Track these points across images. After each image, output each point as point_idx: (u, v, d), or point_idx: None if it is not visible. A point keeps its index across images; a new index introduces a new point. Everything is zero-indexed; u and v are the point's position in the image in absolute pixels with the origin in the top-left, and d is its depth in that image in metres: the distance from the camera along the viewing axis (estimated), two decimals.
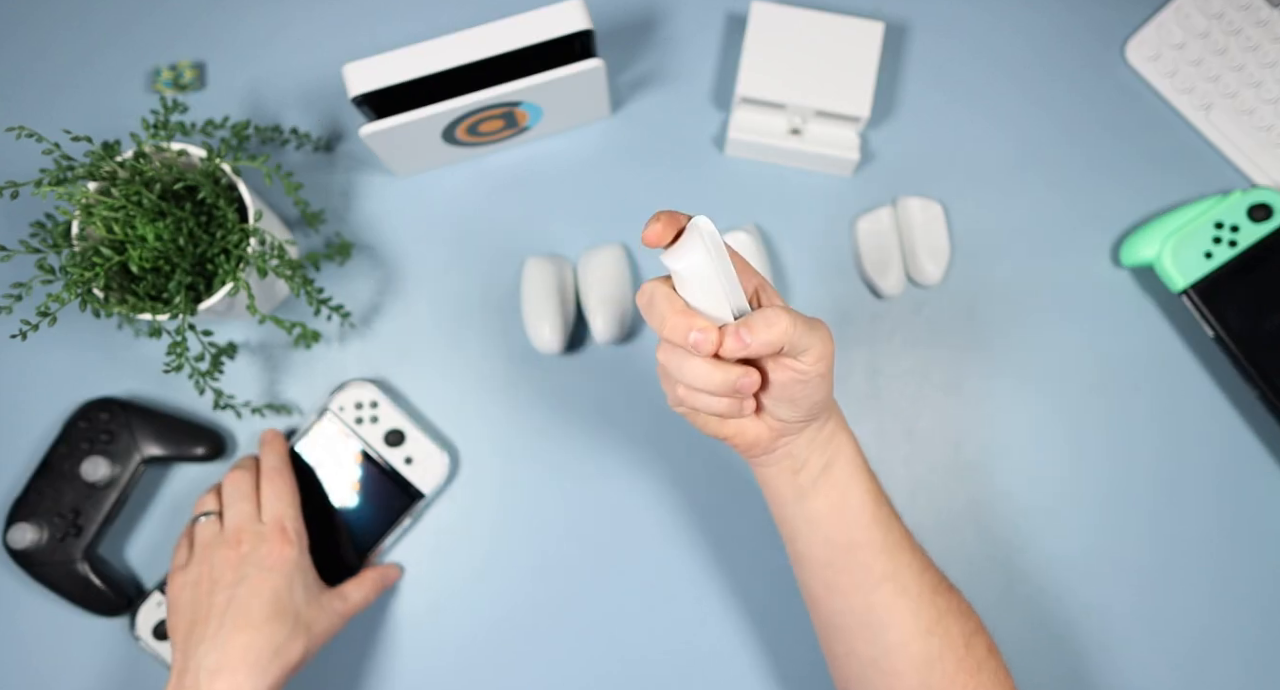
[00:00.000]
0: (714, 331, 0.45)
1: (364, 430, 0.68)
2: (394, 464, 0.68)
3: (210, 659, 0.57)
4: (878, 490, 0.55)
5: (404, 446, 0.68)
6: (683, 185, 0.73)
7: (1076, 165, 0.73)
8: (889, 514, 0.55)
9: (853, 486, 0.54)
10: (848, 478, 0.54)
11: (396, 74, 0.62)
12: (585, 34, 0.63)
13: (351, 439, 0.68)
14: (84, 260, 0.59)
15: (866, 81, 0.69)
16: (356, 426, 0.68)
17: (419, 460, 0.68)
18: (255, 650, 0.57)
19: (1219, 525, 0.69)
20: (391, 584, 0.67)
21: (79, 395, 0.70)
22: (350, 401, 0.68)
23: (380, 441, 0.68)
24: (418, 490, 0.67)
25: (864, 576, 0.54)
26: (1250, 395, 0.69)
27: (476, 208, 0.73)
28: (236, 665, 0.57)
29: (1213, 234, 0.68)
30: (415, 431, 0.68)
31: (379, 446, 0.68)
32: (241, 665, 0.57)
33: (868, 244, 0.71)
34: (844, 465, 0.54)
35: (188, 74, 0.73)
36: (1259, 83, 0.72)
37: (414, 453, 0.68)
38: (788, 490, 0.54)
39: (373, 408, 0.68)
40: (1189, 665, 0.67)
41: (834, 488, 0.54)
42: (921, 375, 0.71)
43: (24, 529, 0.65)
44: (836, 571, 0.55)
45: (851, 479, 0.54)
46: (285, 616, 0.59)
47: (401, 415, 0.68)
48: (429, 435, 0.68)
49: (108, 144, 0.60)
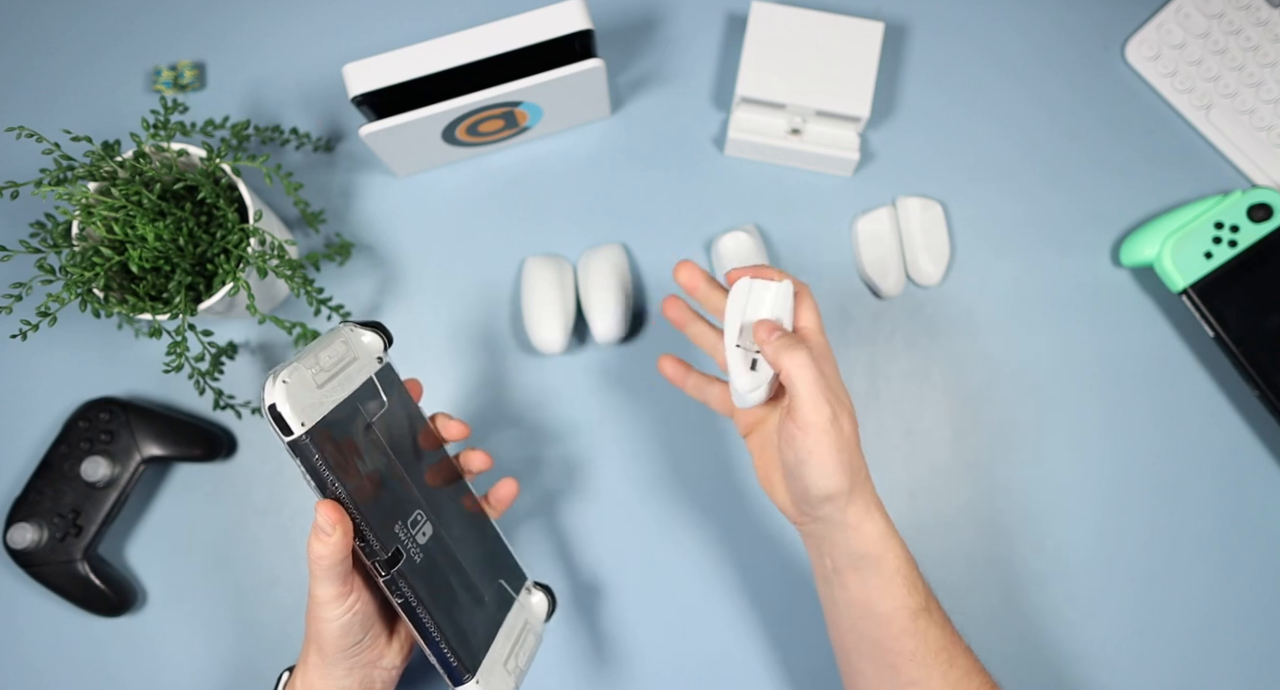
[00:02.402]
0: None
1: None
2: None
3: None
4: (917, 602, 0.52)
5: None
6: (683, 185, 0.73)
7: (1076, 165, 0.73)
8: (927, 624, 0.52)
9: (886, 596, 0.52)
10: (882, 584, 0.52)
11: (396, 74, 0.62)
12: (585, 34, 0.63)
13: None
14: (84, 260, 0.59)
15: (866, 81, 0.69)
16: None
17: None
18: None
19: (1219, 525, 0.69)
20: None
21: (79, 395, 0.70)
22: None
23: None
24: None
25: (890, 675, 0.53)
26: (1250, 395, 0.69)
27: (476, 208, 0.73)
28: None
29: (1213, 234, 0.68)
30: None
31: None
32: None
33: (867, 244, 0.71)
34: (878, 569, 0.52)
35: (188, 74, 0.73)
36: (1259, 83, 0.72)
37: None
38: (818, 570, 0.55)
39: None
40: (1189, 664, 0.67)
41: (864, 588, 0.52)
42: (921, 375, 0.71)
43: (24, 529, 0.65)
44: (863, 658, 0.54)
45: (887, 587, 0.52)
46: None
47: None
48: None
49: (108, 144, 0.60)
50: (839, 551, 0.52)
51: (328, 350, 0.48)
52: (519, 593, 0.56)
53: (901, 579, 0.52)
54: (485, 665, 0.50)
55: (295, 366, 0.46)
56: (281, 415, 0.44)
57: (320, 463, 0.45)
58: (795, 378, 0.49)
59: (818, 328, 0.54)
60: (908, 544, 0.53)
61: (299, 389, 0.45)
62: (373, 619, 0.50)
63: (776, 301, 0.53)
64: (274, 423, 0.45)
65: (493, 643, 0.52)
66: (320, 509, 0.45)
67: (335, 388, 0.47)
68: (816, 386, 0.49)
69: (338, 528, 0.45)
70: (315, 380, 0.46)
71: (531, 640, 0.55)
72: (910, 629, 0.52)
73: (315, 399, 0.46)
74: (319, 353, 0.47)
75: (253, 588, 0.69)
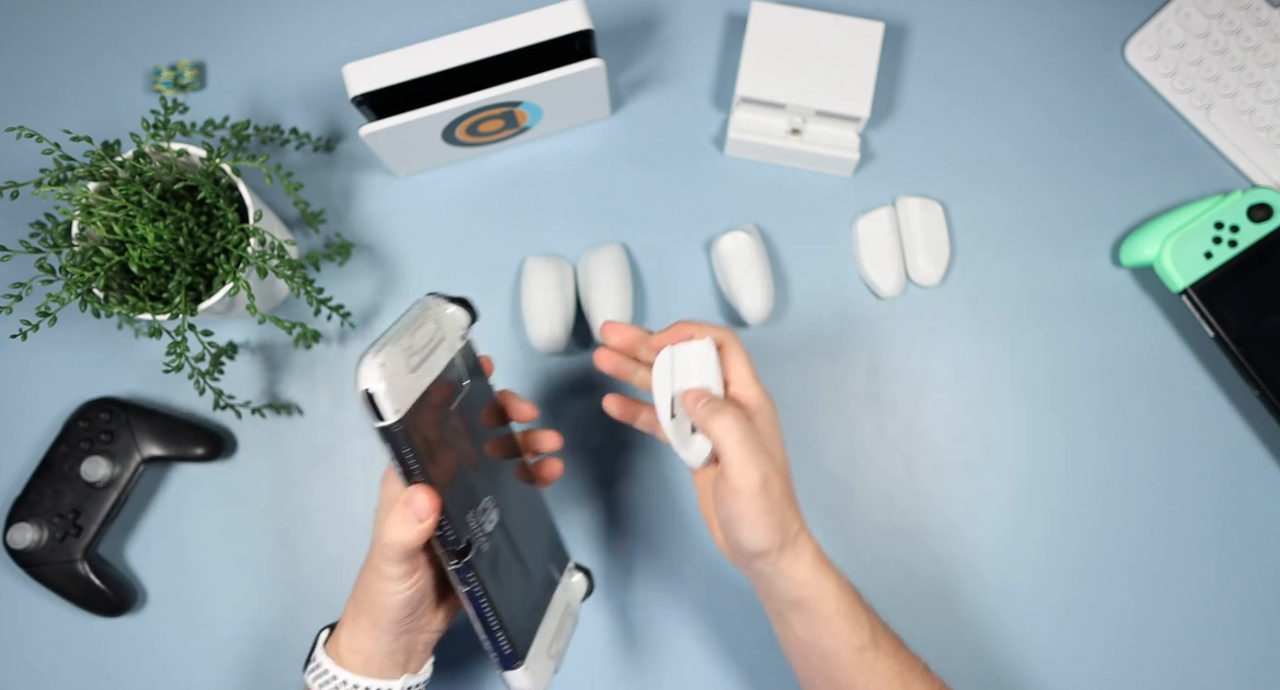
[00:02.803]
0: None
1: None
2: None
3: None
4: (861, 638, 0.52)
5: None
6: (683, 185, 0.73)
7: (1076, 165, 0.73)
8: (875, 657, 0.53)
9: (828, 634, 0.52)
10: (823, 624, 0.52)
11: (396, 74, 0.62)
12: (585, 34, 0.63)
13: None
14: (84, 260, 0.59)
15: (866, 81, 0.69)
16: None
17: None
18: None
19: (1219, 525, 0.69)
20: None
21: (79, 395, 0.70)
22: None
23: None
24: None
25: None
26: (1250, 395, 0.69)
27: (476, 208, 0.73)
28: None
29: (1213, 234, 0.68)
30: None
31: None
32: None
33: (867, 244, 0.71)
34: (817, 611, 0.52)
35: (188, 74, 0.73)
36: (1259, 83, 0.72)
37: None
38: (766, 609, 0.55)
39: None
40: (1189, 664, 0.67)
41: (808, 629, 0.53)
42: (921, 375, 0.71)
43: (24, 529, 0.65)
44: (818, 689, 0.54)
45: (827, 626, 0.52)
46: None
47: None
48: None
49: (108, 144, 0.60)
50: (776, 596, 0.53)
51: (421, 331, 0.46)
52: (562, 574, 0.56)
53: (841, 618, 0.52)
54: (533, 651, 0.50)
55: (390, 349, 0.43)
56: (377, 403, 0.42)
57: (409, 453, 0.44)
58: (723, 443, 0.49)
59: (749, 377, 0.53)
60: (906, 545, 0.54)
61: (395, 373, 0.43)
62: (429, 592, 0.51)
63: (702, 363, 0.52)
64: (369, 409, 0.42)
65: (539, 627, 0.52)
66: (416, 493, 0.44)
67: (425, 371, 0.45)
68: (744, 449, 0.49)
69: (430, 517, 0.45)
70: (409, 364, 0.44)
71: (570, 623, 0.55)
72: (858, 664, 0.52)
73: (408, 384, 0.44)
74: (413, 334, 0.45)
75: (252, 588, 0.69)
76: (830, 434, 0.70)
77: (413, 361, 0.44)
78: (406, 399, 0.43)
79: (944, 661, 0.67)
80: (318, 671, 0.52)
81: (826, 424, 0.70)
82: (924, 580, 0.68)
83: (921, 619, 0.67)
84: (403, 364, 0.44)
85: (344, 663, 0.52)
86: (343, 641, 0.52)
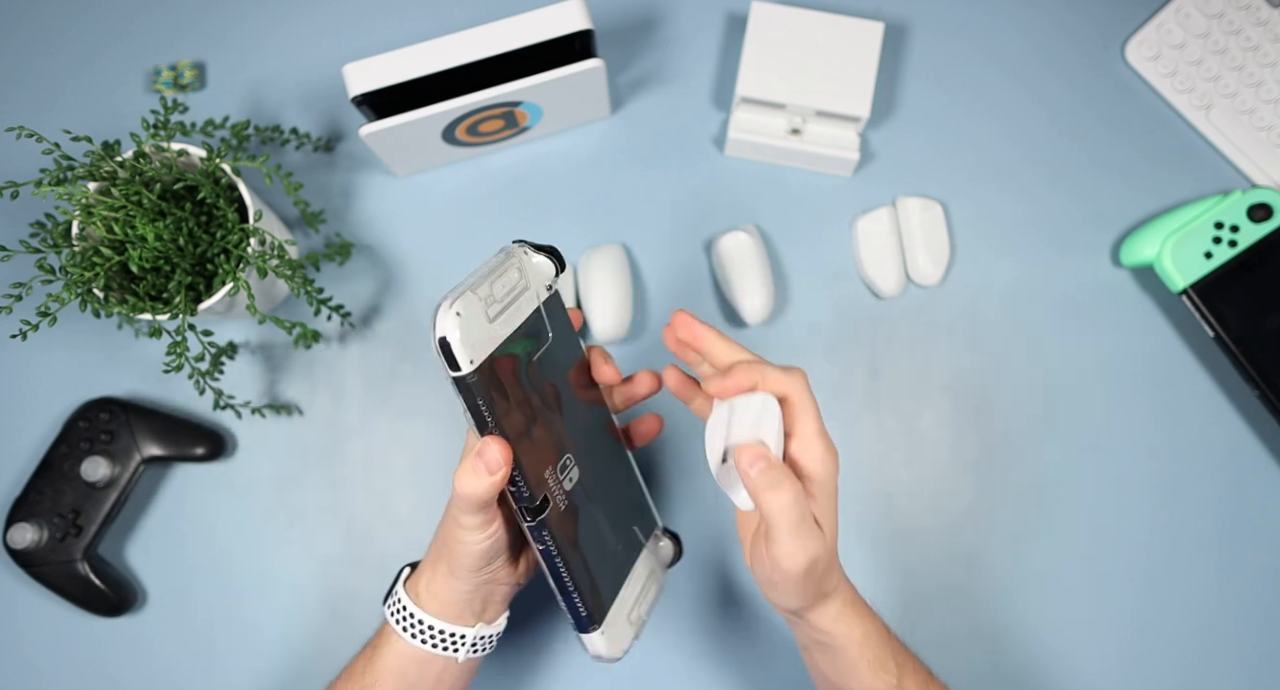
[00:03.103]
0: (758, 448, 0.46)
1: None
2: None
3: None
4: (885, 682, 0.52)
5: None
6: (683, 185, 0.73)
7: (1076, 165, 0.73)
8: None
9: (852, 677, 0.52)
10: (848, 667, 0.52)
11: (396, 74, 0.62)
12: (585, 34, 0.63)
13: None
14: (84, 260, 0.59)
15: (866, 81, 0.69)
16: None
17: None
18: None
19: (1219, 525, 0.69)
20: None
21: (79, 395, 0.70)
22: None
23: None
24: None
25: None
26: (1250, 395, 0.69)
27: (476, 208, 0.73)
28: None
29: (1213, 234, 0.68)
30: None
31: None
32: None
33: (867, 244, 0.71)
34: (842, 654, 0.51)
35: (188, 74, 0.73)
36: (1259, 83, 0.72)
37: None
38: (795, 637, 0.54)
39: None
40: (1189, 665, 0.67)
41: (833, 668, 0.52)
42: (921, 375, 0.71)
43: (24, 529, 0.65)
44: None
45: (852, 669, 0.51)
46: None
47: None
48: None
49: (108, 144, 0.60)
50: (802, 634, 0.53)
51: (502, 279, 0.44)
52: (648, 539, 0.54)
53: (865, 663, 0.51)
54: (611, 615, 0.49)
55: (469, 296, 0.42)
56: (451, 350, 0.41)
57: (483, 404, 0.42)
58: (774, 523, 0.45)
59: (814, 433, 0.47)
60: (906, 545, 0.53)
61: (471, 322, 0.42)
62: (506, 545, 0.50)
63: (761, 418, 0.47)
64: (442, 357, 0.41)
65: (620, 591, 0.50)
66: (488, 445, 0.43)
67: (505, 321, 0.44)
68: (796, 533, 0.45)
69: (501, 470, 0.44)
70: (488, 313, 0.43)
71: (654, 590, 0.53)
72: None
73: (486, 333, 0.43)
74: (493, 281, 0.43)
75: (253, 588, 0.69)
76: (831, 434, 0.70)
77: (492, 311, 0.43)
78: (483, 349, 0.42)
79: (944, 661, 0.67)
80: (396, 607, 0.53)
81: (827, 424, 0.70)
82: (924, 580, 0.68)
83: (921, 619, 0.68)
84: (480, 313, 0.43)
85: (421, 603, 0.52)
86: (422, 583, 0.53)
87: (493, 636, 0.54)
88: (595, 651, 0.48)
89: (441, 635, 0.52)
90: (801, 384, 0.47)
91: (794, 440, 0.47)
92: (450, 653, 0.52)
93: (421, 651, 0.52)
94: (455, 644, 0.52)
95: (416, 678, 0.53)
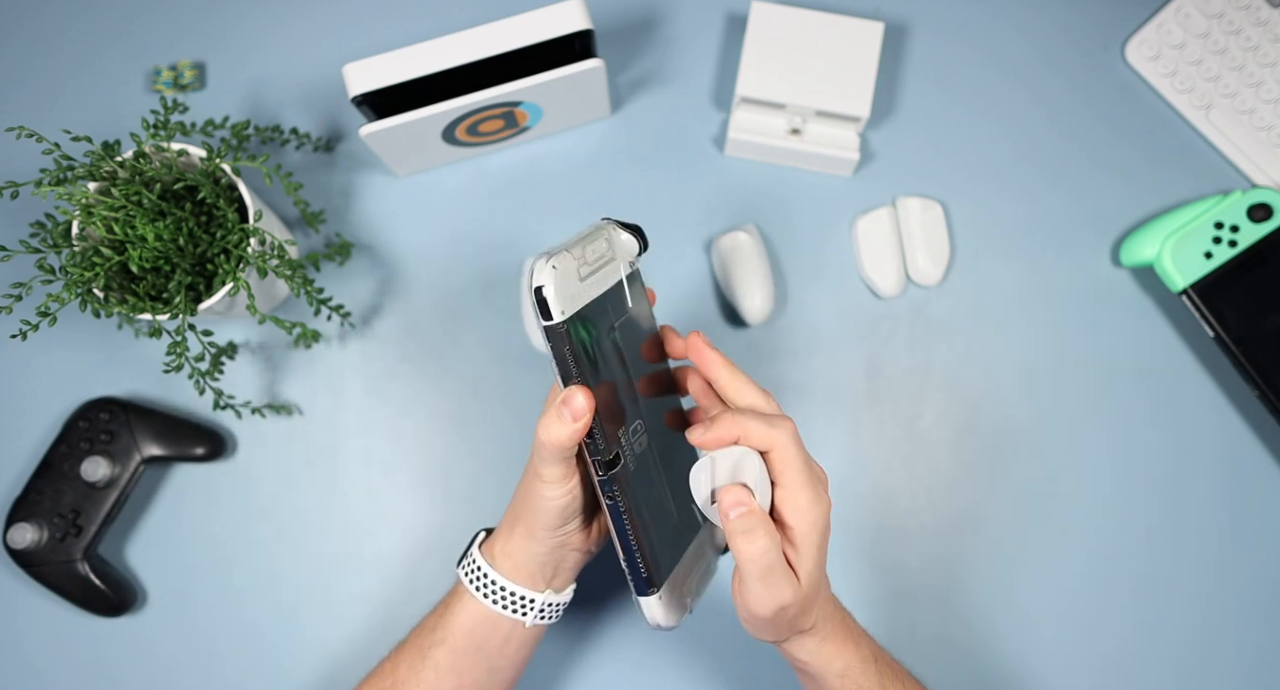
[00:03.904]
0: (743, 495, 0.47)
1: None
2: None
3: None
4: None
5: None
6: (683, 185, 0.73)
7: (1076, 165, 0.73)
8: None
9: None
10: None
11: (396, 74, 0.62)
12: (585, 34, 0.63)
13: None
14: (84, 260, 0.59)
15: (866, 81, 0.69)
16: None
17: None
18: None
19: (1219, 525, 0.69)
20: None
21: (79, 395, 0.70)
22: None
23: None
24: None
25: None
26: (1250, 395, 0.69)
27: (476, 208, 0.73)
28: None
29: (1213, 234, 0.68)
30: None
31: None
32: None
33: (867, 244, 0.71)
34: (823, 680, 0.52)
35: (188, 74, 0.73)
36: (1259, 83, 0.72)
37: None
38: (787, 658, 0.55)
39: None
40: (1189, 665, 0.67)
41: (813, 687, 0.53)
42: (921, 375, 0.71)
43: (24, 529, 0.65)
44: None
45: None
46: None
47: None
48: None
49: (108, 144, 0.60)
50: (785, 657, 0.53)
51: (593, 245, 0.47)
52: (704, 520, 0.56)
53: (848, 684, 0.52)
54: (668, 583, 0.50)
55: (564, 255, 0.45)
56: (545, 299, 0.44)
57: (570, 353, 0.45)
58: (744, 571, 0.46)
59: (799, 484, 0.47)
60: (906, 545, 0.53)
61: (565, 277, 0.45)
62: (580, 506, 0.51)
63: (741, 468, 0.47)
64: (537, 306, 0.44)
65: (677, 563, 0.52)
66: (573, 393, 0.45)
67: (593, 283, 0.47)
68: (764, 582, 0.46)
69: (584, 418, 0.45)
70: (579, 272, 0.46)
71: (708, 569, 0.55)
72: None
73: (576, 290, 0.46)
74: (585, 246, 0.47)
75: (253, 588, 0.69)
76: (830, 434, 0.70)
77: (582, 271, 0.46)
78: (572, 304, 0.45)
79: (943, 661, 0.67)
80: (471, 567, 0.55)
81: (826, 424, 0.70)
82: (924, 580, 0.68)
83: (921, 619, 0.68)
84: (573, 270, 0.46)
85: (495, 564, 0.54)
86: (497, 545, 0.54)
87: (559, 605, 0.56)
88: (652, 616, 0.50)
89: (512, 597, 0.54)
90: (786, 437, 0.47)
91: (779, 491, 0.47)
92: (519, 615, 0.54)
93: (492, 612, 0.54)
94: (525, 607, 0.54)
95: (484, 637, 0.55)
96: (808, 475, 0.47)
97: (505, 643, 0.55)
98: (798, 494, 0.47)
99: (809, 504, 0.47)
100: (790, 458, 0.47)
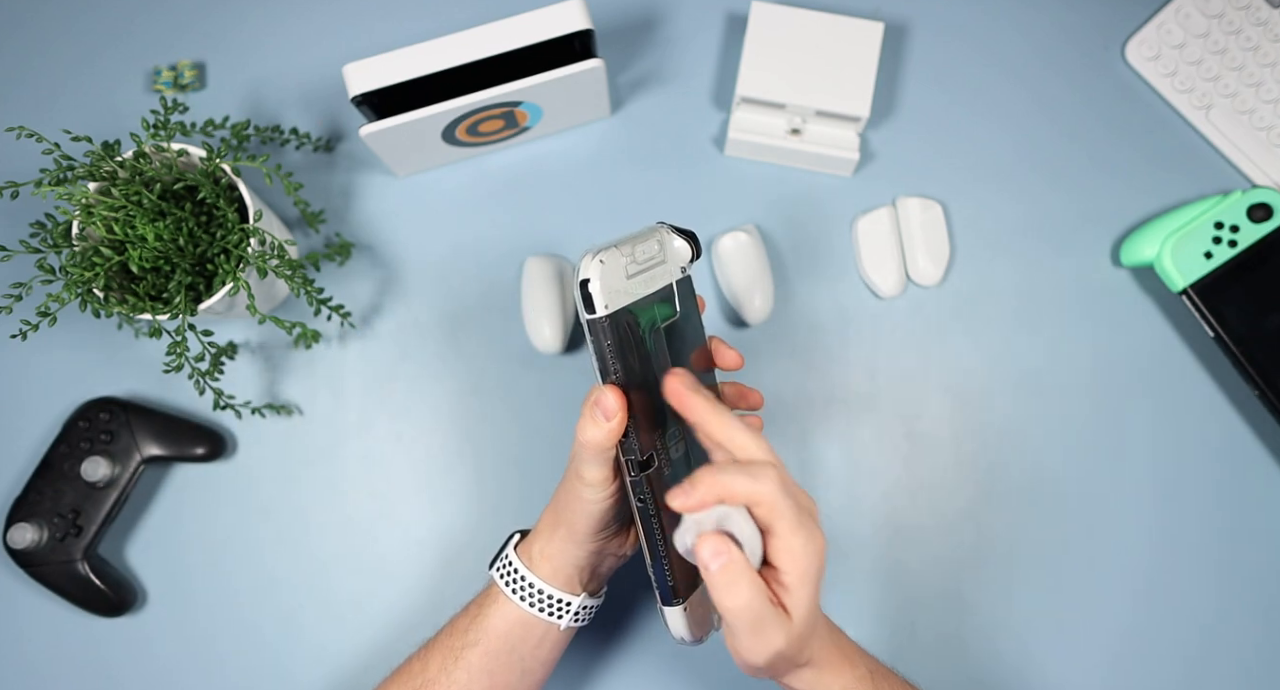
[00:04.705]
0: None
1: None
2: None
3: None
4: None
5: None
6: (683, 185, 0.73)
7: (1076, 165, 0.73)
8: None
9: None
10: None
11: (396, 74, 0.62)
12: (585, 34, 0.63)
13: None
14: (84, 260, 0.59)
15: (866, 81, 0.69)
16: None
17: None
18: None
19: (1219, 525, 0.69)
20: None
21: (79, 395, 0.70)
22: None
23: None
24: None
25: None
26: (1250, 395, 0.69)
27: (476, 208, 0.73)
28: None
29: (1213, 234, 0.68)
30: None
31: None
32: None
33: (867, 244, 0.71)
34: None
35: (188, 74, 0.73)
36: (1259, 83, 0.72)
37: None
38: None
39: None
40: (1189, 665, 0.67)
41: None
42: (921, 375, 0.71)
43: (24, 529, 0.65)
44: None
45: None
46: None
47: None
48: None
49: (108, 144, 0.60)
50: (781, 685, 0.53)
51: (643, 245, 0.48)
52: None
53: None
54: (695, 597, 0.50)
55: (612, 251, 0.46)
56: (590, 292, 0.45)
57: (610, 347, 0.45)
58: (729, 621, 0.45)
59: (789, 530, 0.45)
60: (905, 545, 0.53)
61: (611, 272, 0.45)
62: (618, 512, 0.51)
63: (726, 520, 0.45)
64: (581, 299, 0.45)
65: (703, 583, 0.51)
66: (604, 393, 0.46)
67: (641, 283, 0.47)
68: (752, 631, 0.45)
69: (617, 417, 0.46)
70: (626, 270, 0.46)
71: None
72: None
73: (622, 287, 0.46)
74: (635, 245, 0.47)
75: (253, 588, 0.69)
76: (830, 434, 0.70)
77: (630, 269, 0.47)
78: (617, 300, 0.46)
79: (942, 661, 0.67)
80: (507, 569, 0.55)
81: (826, 424, 0.70)
82: (924, 580, 0.68)
83: (920, 619, 0.68)
84: (620, 268, 0.46)
85: (533, 567, 0.54)
86: (535, 548, 0.54)
87: (593, 608, 0.56)
88: (675, 628, 0.50)
89: (550, 600, 0.54)
90: (771, 486, 0.44)
91: (772, 540, 0.45)
92: (554, 619, 0.54)
93: (527, 614, 0.54)
94: (561, 610, 0.54)
95: (518, 639, 0.55)
96: (797, 519, 0.45)
97: (539, 645, 0.55)
98: (790, 540, 0.45)
99: (802, 548, 0.45)
100: (778, 507, 0.44)
